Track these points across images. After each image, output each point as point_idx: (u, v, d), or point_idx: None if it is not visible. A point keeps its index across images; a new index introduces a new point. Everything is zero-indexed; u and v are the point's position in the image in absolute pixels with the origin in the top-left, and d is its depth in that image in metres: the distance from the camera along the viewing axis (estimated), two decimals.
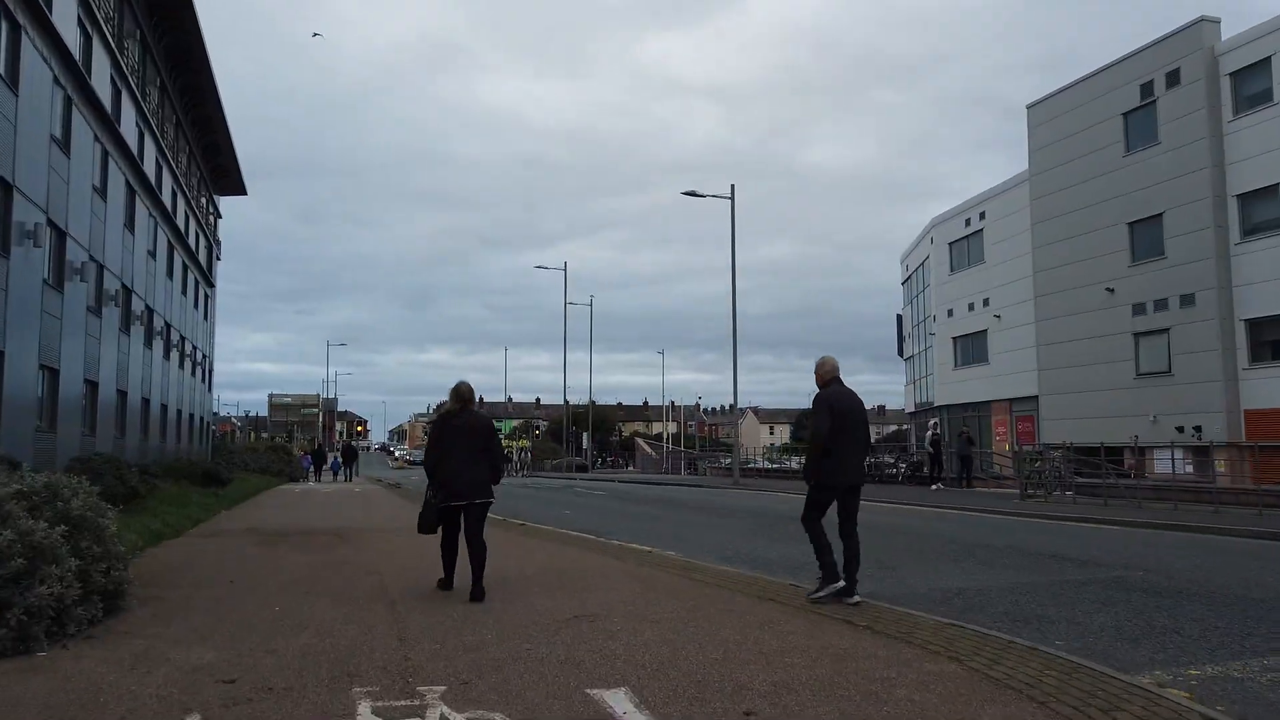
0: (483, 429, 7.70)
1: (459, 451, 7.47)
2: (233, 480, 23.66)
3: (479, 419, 7.80)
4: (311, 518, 16.76)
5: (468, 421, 7.62)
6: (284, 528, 14.27)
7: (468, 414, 7.68)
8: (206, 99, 38.62)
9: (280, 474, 37.77)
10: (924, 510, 18.95)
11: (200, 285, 41.83)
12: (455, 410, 7.71)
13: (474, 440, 7.55)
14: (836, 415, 7.43)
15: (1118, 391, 32.87)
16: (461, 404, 7.73)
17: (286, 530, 13.81)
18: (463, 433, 7.54)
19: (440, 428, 7.75)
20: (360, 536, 12.74)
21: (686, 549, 11.87)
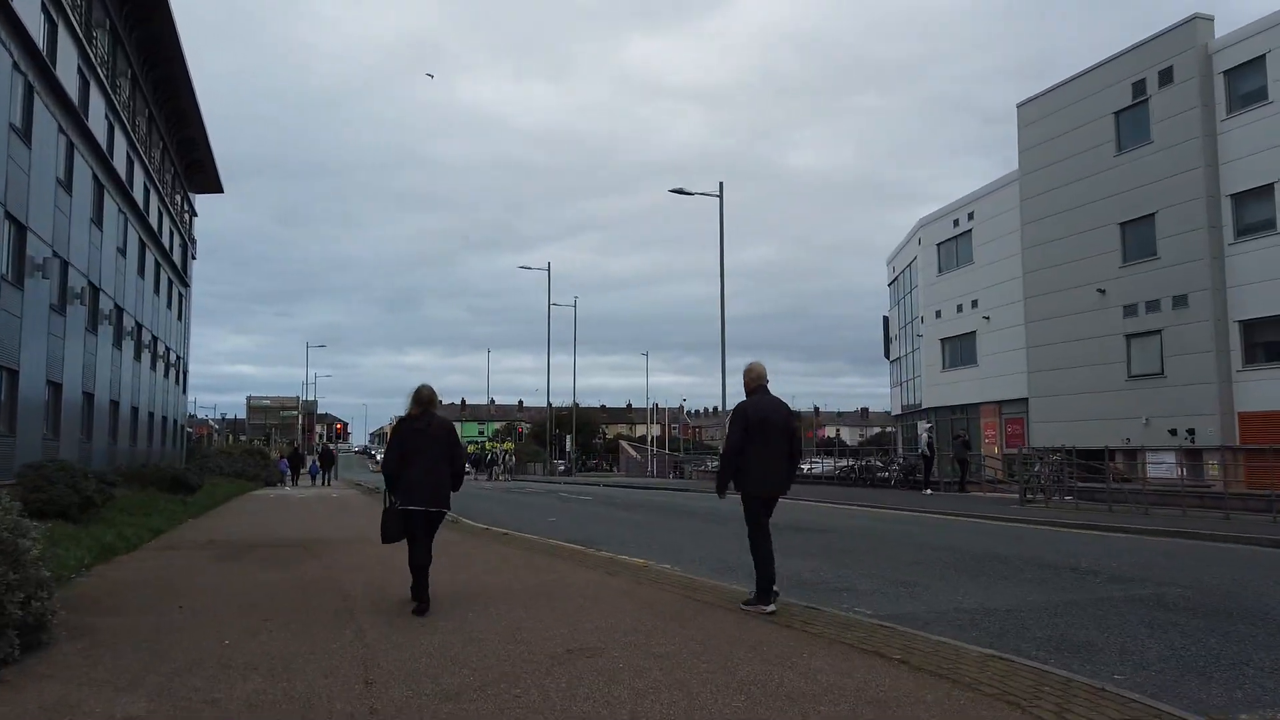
0: (445, 434, 7.43)
1: (420, 457, 7.23)
2: (202, 486, 22.58)
3: (441, 423, 7.49)
4: (281, 527, 15.81)
5: (429, 426, 7.35)
6: (250, 539, 13.32)
7: (429, 418, 7.41)
8: (180, 93, 37.49)
9: (255, 478, 36.60)
10: (923, 517, 18.20)
11: (174, 285, 40.63)
12: (416, 414, 7.41)
13: (436, 446, 7.30)
14: (752, 425, 7.31)
15: (1109, 394, 32.33)
16: (422, 408, 7.45)
17: (252, 542, 12.86)
18: (424, 438, 7.28)
19: (400, 432, 7.43)
20: (331, 549, 11.82)
21: (682, 561, 11.04)
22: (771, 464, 7.42)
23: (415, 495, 7.19)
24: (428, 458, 7.24)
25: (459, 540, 13.13)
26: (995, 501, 22.00)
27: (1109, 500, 18.91)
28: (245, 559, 10.77)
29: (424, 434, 7.28)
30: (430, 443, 7.27)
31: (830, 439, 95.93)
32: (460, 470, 7.59)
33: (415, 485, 7.18)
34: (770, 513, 7.73)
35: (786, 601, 7.76)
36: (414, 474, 7.19)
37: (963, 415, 41.99)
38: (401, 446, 7.31)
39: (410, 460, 7.23)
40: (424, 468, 7.21)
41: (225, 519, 17.52)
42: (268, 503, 23.95)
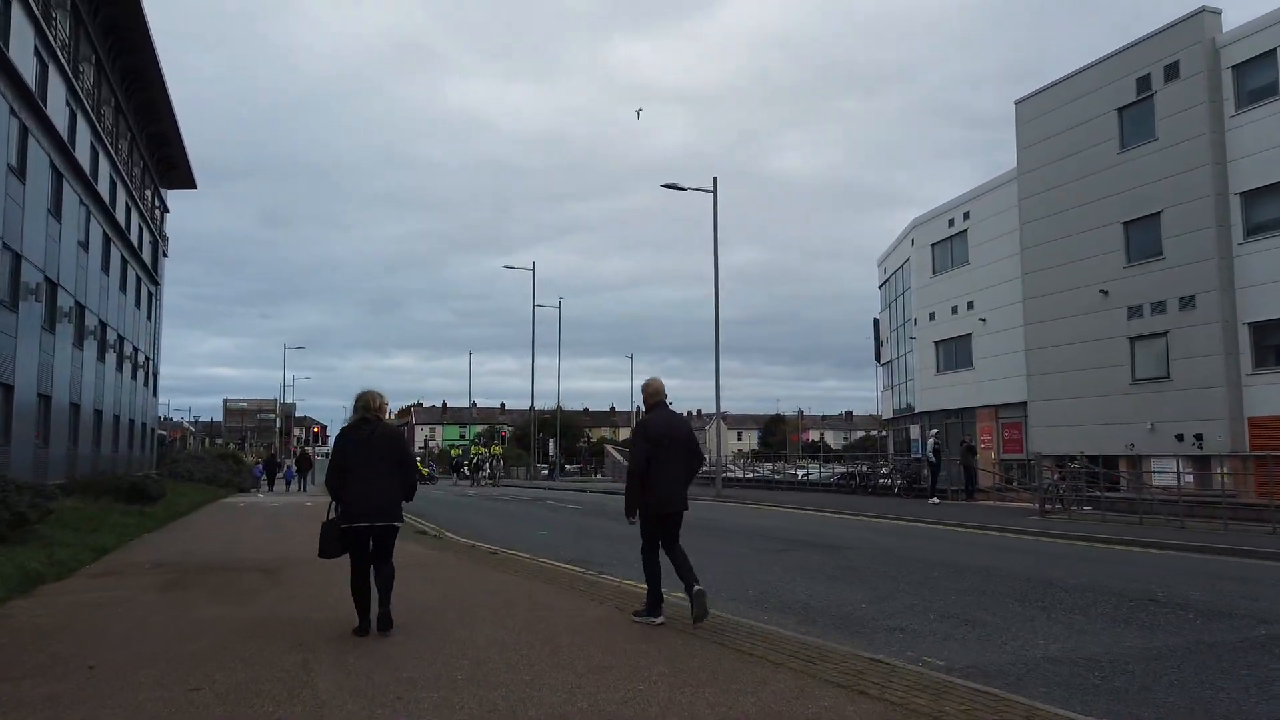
0: (394, 442, 6.93)
1: (367, 468, 6.68)
2: (165, 495, 20.88)
3: (389, 431, 6.99)
4: (246, 543, 14.24)
5: (376, 434, 6.81)
6: (206, 560, 11.75)
7: (373, 426, 6.86)
8: (151, 83, 35.73)
9: (228, 484, 34.82)
10: (941, 530, 16.85)
11: (143, 283, 38.78)
12: (359, 423, 6.88)
13: (384, 455, 6.75)
14: (653, 443, 7.20)
15: (1112, 398, 31.18)
16: (368, 415, 6.90)
17: (209, 564, 11.30)
18: (371, 447, 6.74)
19: (345, 441, 6.87)
20: (296, 573, 10.29)
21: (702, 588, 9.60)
22: (674, 481, 7.31)
23: (358, 511, 6.60)
24: (373, 469, 6.66)
25: (443, 561, 11.64)
26: (1009, 512, 20.69)
27: (1138, 511, 17.61)
28: (194, 587, 9.22)
29: (368, 444, 6.71)
30: (375, 453, 6.71)
31: (815, 442, 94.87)
32: (412, 481, 7.01)
33: (359, 500, 6.61)
34: (676, 530, 7.55)
35: (849, 651, 6.31)
36: (358, 487, 6.62)
37: (958, 419, 40.78)
38: (343, 458, 6.72)
39: (356, 471, 6.65)
40: (369, 480, 6.64)
41: (185, 533, 15.90)
42: (236, 513, 22.29)
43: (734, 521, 18.51)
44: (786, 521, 18.54)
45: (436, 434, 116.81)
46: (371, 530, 6.69)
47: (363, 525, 6.64)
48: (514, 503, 27.91)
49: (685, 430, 7.58)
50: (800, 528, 16.97)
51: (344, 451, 6.83)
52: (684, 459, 7.42)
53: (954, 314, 40.58)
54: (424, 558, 11.97)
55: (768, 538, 14.93)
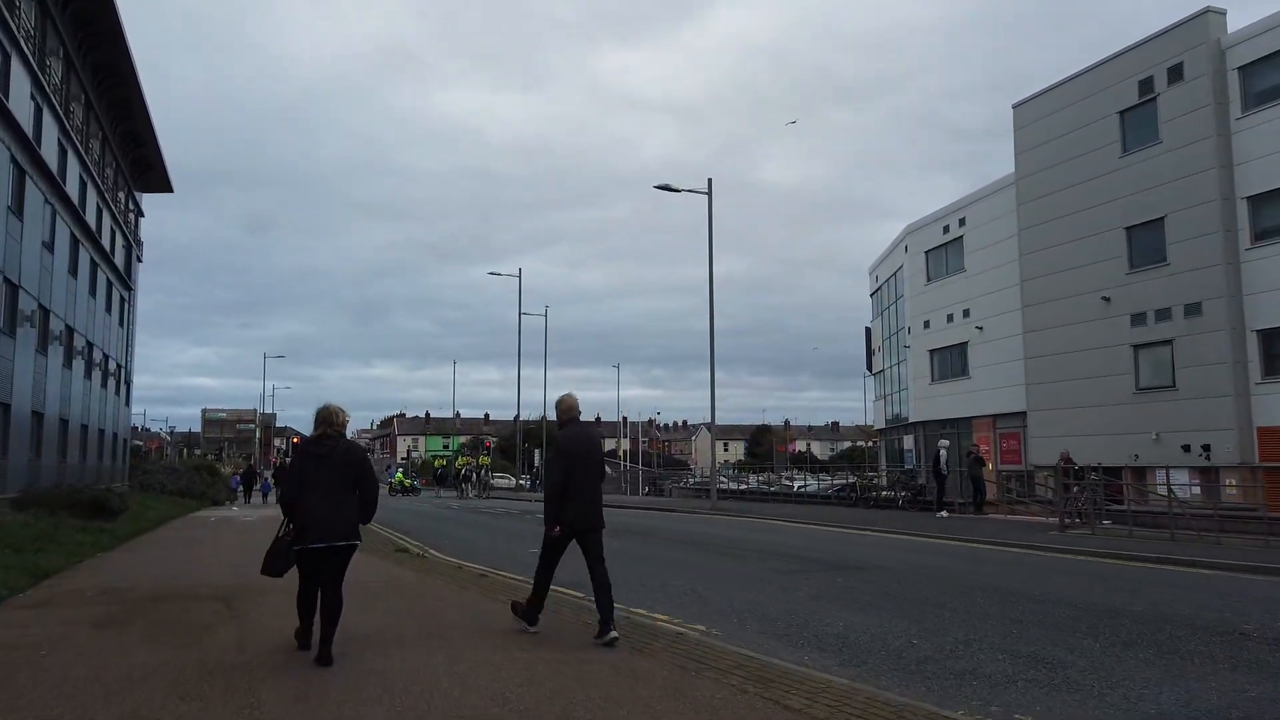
0: (353, 460, 6.56)
1: (323, 486, 6.35)
2: (129, 510, 19.41)
3: (349, 447, 6.64)
4: (208, 564, 12.89)
5: (335, 450, 6.48)
6: (160, 585, 10.41)
7: (333, 442, 6.53)
8: (124, 80, 34.32)
9: (201, 497, 33.26)
10: (963, 547, 15.69)
11: (115, 288, 37.23)
12: (319, 437, 6.56)
13: (342, 473, 6.42)
14: (569, 460, 7.23)
15: (1115, 407, 30.22)
16: (327, 430, 6.56)
17: (161, 590, 9.97)
18: (328, 464, 6.41)
19: (301, 457, 6.62)
20: (257, 603, 8.98)
21: (723, 619, 8.39)
22: (587, 496, 7.33)
23: (312, 531, 6.27)
24: (330, 487, 6.34)
25: (427, 587, 10.36)
26: (1024, 526, 19.56)
27: (1164, 525, 16.51)
28: (136, 622, 7.90)
29: (326, 460, 6.39)
30: (333, 470, 6.37)
31: (802, 453, 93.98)
32: (371, 499, 6.64)
33: (314, 519, 6.27)
34: (598, 549, 7.45)
35: (930, 710, 5.09)
36: (313, 505, 6.29)
37: (953, 430, 39.77)
38: (300, 474, 6.41)
39: (311, 489, 6.32)
40: (324, 498, 6.31)
41: (144, 553, 14.51)
42: (205, 528, 20.86)
43: (739, 538, 17.28)
44: (795, 538, 17.33)
45: (419, 444, 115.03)
46: (328, 550, 6.31)
47: (319, 546, 6.27)
48: (500, 516, 26.57)
49: (596, 446, 7.66)
50: (811, 545, 15.77)
51: (302, 467, 6.49)
52: (597, 475, 7.43)
53: (949, 322, 39.63)
54: (406, 582, 10.70)
55: (780, 556, 13.71)
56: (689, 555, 14.02)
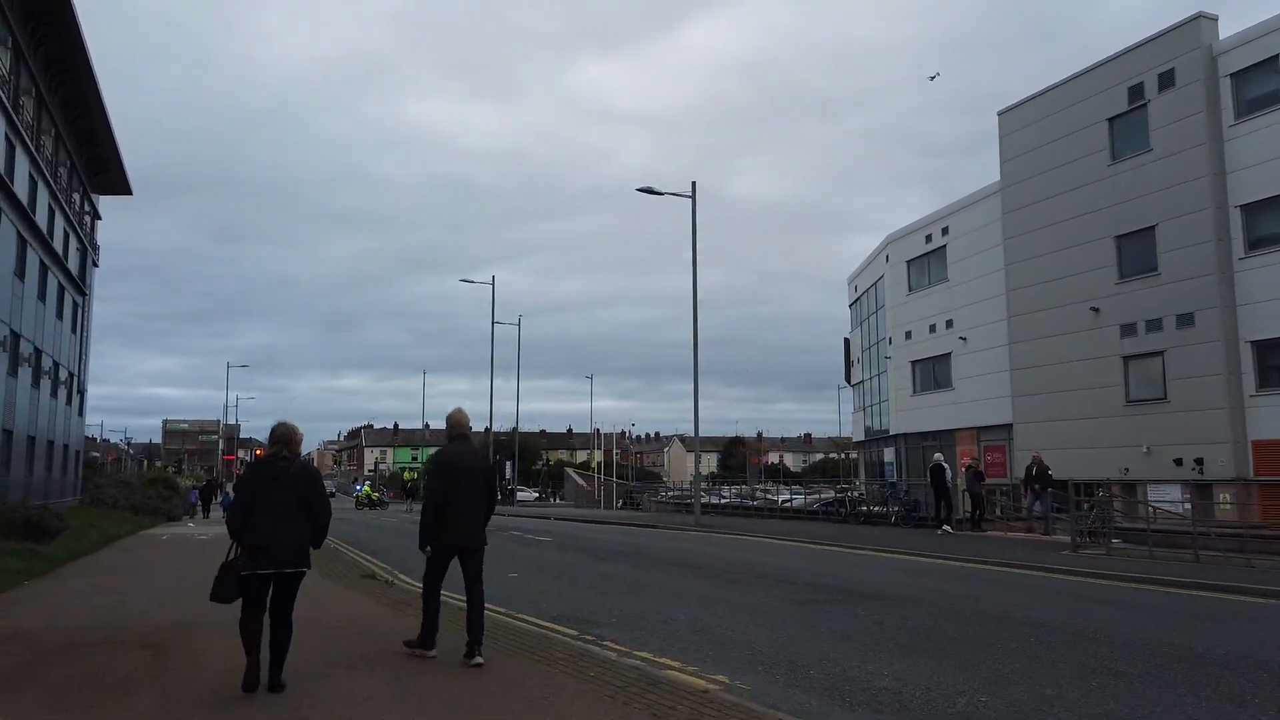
0: (306, 481, 6.33)
1: (274, 509, 6.11)
2: (67, 529, 17.68)
3: (299, 469, 6.40)
4: (148, 595, 11.36)
5: (287, 471, 6.27)
6: (83, 626, 8.90)
7: (285, 463, 6.30)
8: (79, 75, 32.53)
9: (156, 512, 31.37)
10: (979, 570, 14.51)
11: (68, 293, 35.30)
12: (272, 457, 6.34)
13: (293, 495, 6.20)
14: (447, 478, 7.23)
15: (1104, 419, 29.37)
16: (283, 450, 6.35)
17: (82, 634, 8.46)
18: (280, 485, 6.19)
19: (252, 477, 6.38)
20: (198, 648, 7.55)
21: (746, 667, 7.09)
22: (467, 514, 7.28)
23: (262, 556, 6.04)
24: (281, 510, 6.12)
25: (399, 627, 8.95)
26: (1032, 546, 18.43)
27: (1184, 545, 15.45)
28: (39, 681, 6.43)
29: (277, 482, 6.16)
30: (283, 492, 6.15)
31: (775, 465, 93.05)
32: (323, 524, 6.40)
33: (262, 544, 6.04)
34: (477, 569, 7.47)
35: None
36: (262, 529, 6.05)
37: (935, 442, 38.80)
38: (252, 495, 6.17)
39: (261, 511, 6.10)
40: (274, 522, 6.08)
41: (76, 582, 12.93)
42: (155, 549, 19.20)
43: (737, 560, 15.99)
44: (794, 559, 16.07)
45: (388, 456, 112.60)
46: (276, 577, 6.07)
47: (267, 572, 6.01)
48: None
49: (482, 466, 7.62)
50: (815, 567, 14.52)
51: (252, 488, 6.19)
52: (480, 493, 7.36)
53: (932, 332, 38.75)
54: (374, 620, 9.30)
55: (787, 582, 12.42)
56: (688, 582, 12.68)
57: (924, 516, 23.64)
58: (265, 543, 5.99)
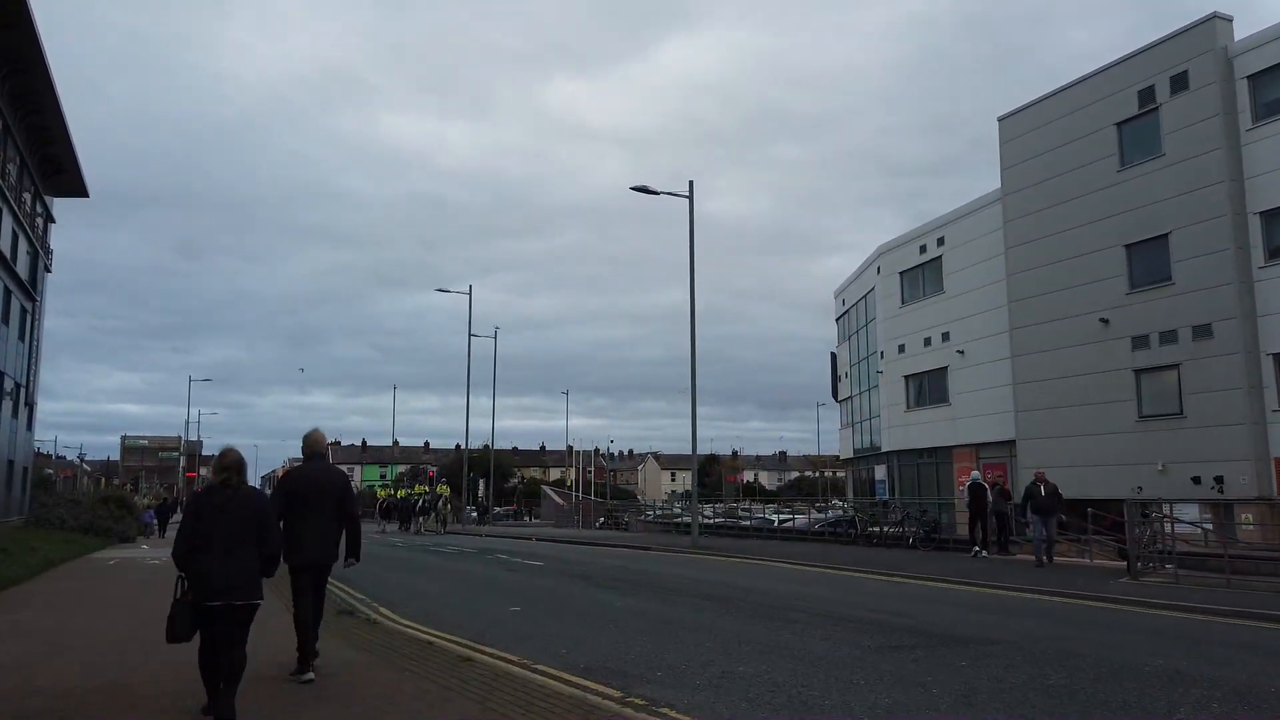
0: (254, 509, 5.98)
1: (220, 537, 5.78)
2: (3, 552, 15.32)
3: (250, 496, 6.06)
4: (76, 641, 9.25)
5: (233, 499, 5.91)
6: None
7: (231, 491, 5.94)
8: (30, 67, 30.20)
9: (106, 533, 28.80)
10: (1034, 602, 12.76)
11: (15, 297, 32.74)
12: (219, 484, 5.96)
13: (241, 525, 5.86)
14: (295, 495, 7.36)
15: (1115, 436, 27.94)
16: (226, 476, 5.98)
17: None
18: (225, 513, 5.85)
19: (197, 506, 5.96)
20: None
21: None
22: (319, 533, 7.32)
23: (213, 585, 5.70)
24: (228, 540, 5.78)
25: (389, 688, 6.96)
26: (1079, 571, 16.76)
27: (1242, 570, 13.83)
28: None
29: (225, 509, 5.83)
30: (232, 522, 5.83)
31: (750, 484, 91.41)
32: (273, 555, 6.10)
33: (212, 575, 5.71)
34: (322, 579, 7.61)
35: None
36: (210, 561, 5.73)
37: (931, 459, 37.32)
38: (195, 527, 5.83)
39: (208, 541, 5.76)
40: (221, 553, 5.75)
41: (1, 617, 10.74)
42: (97, 577, 16.90)
43: (759, 588, 14.10)
44: (828, 588, 14.19)
45: (356, 474, 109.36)
46: (227, 609, 5.75)
47: (217, 604, 5.72)
48: (457, 556, 22.93)
49: (336, 483, 7.68)
50: (860, 600, 12.67)
51: (199, 514, 5.90)
52: (333, 511, 7.44)
53: (926, 346, 37.28)
54: (351, 675, 7.30)
55: (842, 620, 10.52)
56: (722, 619, 10.74)
57: (945, 538, 21.88)
58: (211, 575, 5.71)
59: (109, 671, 7.46)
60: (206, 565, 5.73)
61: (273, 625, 9.01)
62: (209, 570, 5.72)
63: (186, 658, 6.29)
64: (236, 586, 5.76)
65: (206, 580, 5.71)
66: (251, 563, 5.89)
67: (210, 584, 5.70)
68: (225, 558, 5.75)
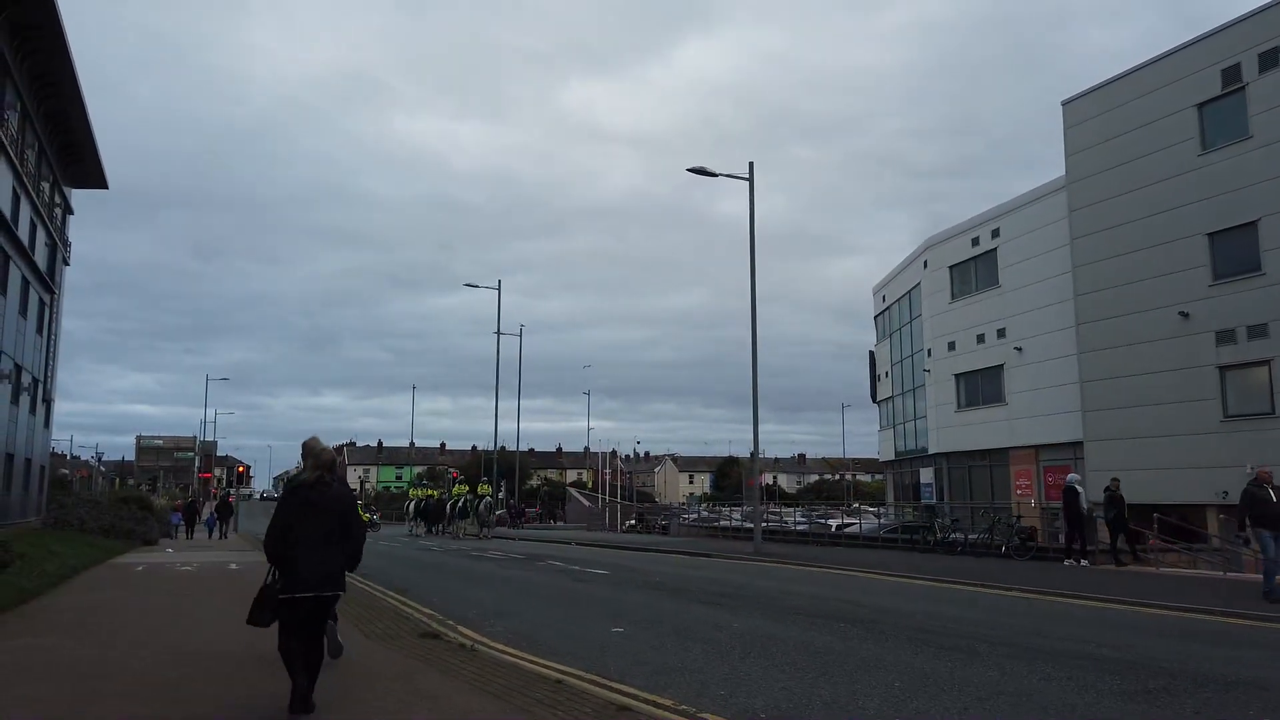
0: (344, 504, 6.19)
1: (314, 531, 5.94)
2: (13, 563, 13.55)
3: (338, 494, 6.19)
4: (124, 679, 7.47)
5: (326, 495, 6.07)
6: None
7: (324, 487, 6.10)
8: (51, 48, 28.56)
9: (130, 535, 27.09)
10: (1195, 623, 10.97)
11: (33, 288, 31.07)
12: (312, 480, 6.09)
13: (330, 520, 6.03)
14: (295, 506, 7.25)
15: (1197, 437, 26.02)
16: (320, 474, 6.14)
17: None
18: (319, 509, 6.01)
19: (291, 501, 6.08)
20: None
21: None
22: None
23: (302, 579, 5.85)
24: (319, 535, 5.94)
25: None
26: (1202, 584, 14.89)
27: None
28: None
29: (316, 508, 5.98)
30: (323, 517, 6.00)
31: (770, 486, 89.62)
32: (358, 549, 6.30)
33: (303, 568, 5.86)
34: None
35: None
36: (301, 554, 5.86)
37: (984, 462, 35.42)
38: (290, 518, 5.96)
39: (301, 535, 5.90)
40: (314, 546, 5.90)
41: (11, 644, 8.96)
42: (127, 585, 15.14)
43: (888, 607, 12.22)
44: (965, 608, 12.28)
45: (371, 475, 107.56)
46: (314, 600, 5.92)
47: (306, 596, 5.86)
48: (508, 563, 21.07)
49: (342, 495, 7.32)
50: (1015, 622, 10.84)
51: (292, 509, 5.99)
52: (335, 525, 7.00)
53: (980, 343, 35.38)
54: None
55: (1035, 653, 8.60)
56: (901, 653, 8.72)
57: (1042, 548, 19.97)
58: (305, 567, 5.87)
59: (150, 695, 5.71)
60: (299, 559, 5.86)
61: None
62: (301, 563, 5.86)
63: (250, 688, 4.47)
64: (326, 578, 5.93)
65: (299, 573, 5.86)
66: (339, 556, 6.05)
67: (302, 576, 5.84)
68: (317, 551, 5.89)
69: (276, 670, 6.36)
